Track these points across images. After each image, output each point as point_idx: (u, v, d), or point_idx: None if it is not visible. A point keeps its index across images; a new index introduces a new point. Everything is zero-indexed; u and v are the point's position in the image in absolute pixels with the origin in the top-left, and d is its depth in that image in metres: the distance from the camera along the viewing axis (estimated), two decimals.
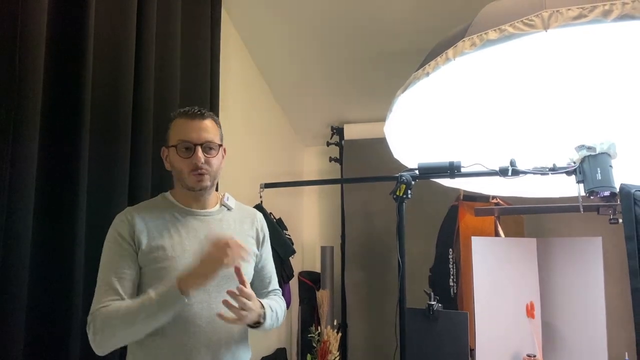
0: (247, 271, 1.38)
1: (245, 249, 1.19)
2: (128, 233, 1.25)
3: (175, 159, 1.31)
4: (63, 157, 1.36)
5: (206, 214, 1.37)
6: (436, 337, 2.20)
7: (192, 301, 1.21)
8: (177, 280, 1.15)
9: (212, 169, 1.32)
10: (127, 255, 1.24)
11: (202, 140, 1.30)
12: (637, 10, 1.18)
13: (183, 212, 1.35)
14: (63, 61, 1.37)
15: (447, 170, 1.77)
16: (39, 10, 1.26)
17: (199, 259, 1.17)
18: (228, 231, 1.38)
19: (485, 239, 2.56)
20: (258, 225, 1.49)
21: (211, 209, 1.40)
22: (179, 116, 1.33)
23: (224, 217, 1.41)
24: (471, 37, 1.42)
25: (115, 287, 1.20)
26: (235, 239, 1.29)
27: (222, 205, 1.43)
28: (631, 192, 1.40)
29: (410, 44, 2.72)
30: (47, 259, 1.31)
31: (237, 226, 1.42)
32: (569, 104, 1.98)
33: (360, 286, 3.83)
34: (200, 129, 1.31)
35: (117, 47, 1.59)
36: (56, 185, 1.34)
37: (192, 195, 1.35)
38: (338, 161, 3.89)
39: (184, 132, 1.30)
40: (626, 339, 2.80)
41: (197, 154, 1.28)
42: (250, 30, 2.75)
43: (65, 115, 1.37)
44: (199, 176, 1.29)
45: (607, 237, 2.42)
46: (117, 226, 1.28)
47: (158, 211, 1.33)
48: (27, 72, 1.22)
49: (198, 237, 1.32)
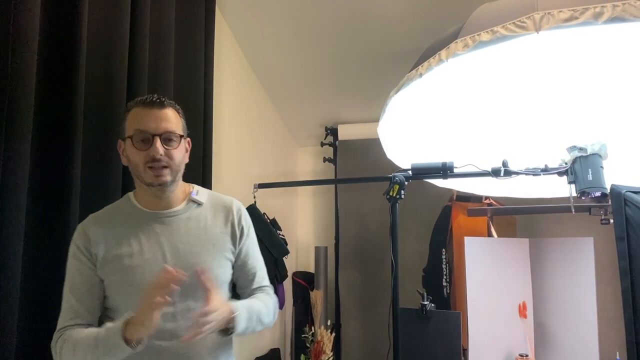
0: (220, 273, 1.28)
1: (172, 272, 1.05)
2: (84, 245, 1.18)
3: (131, 152, 1.17)
4: (56, 157, 1.35)
5: (170, 215, 1.25)
6: (429, 337, 2.20)
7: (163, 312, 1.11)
8: (124, 324, 1.05)
9: (174, 162, 1.19)
10: (86, 270, 1.17)
11: (161, 130, 1.17)
12: (627, 12, 1.19)
13: (144, 216, 1.23)
14: (56, 61, 1.37)
15: (440, 170, 1.78)
16: (32, 12, 1.25)
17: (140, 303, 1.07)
18: (196, 231, 1.26)
19: (478, 239, 2.57)
20: (234, 219, 1.34)
21: (177, 207, 1.26)
22: (136, 105, 1.20)
23: (192, 215, 1.28)
24: (464, 38, 1.43)
25: (73, 307, 1.15)
26: (204, 237, 1.24)
27: (191, 201, 1.29)
28: (622, 193, 1.41)
29: (404, 45, 2.73)
30: (40, 258, 1.30)
31: (208, 224, 1.29)
32: (560, 105, 1.99)
33: (354, 286, 3.84)
34: (160, 118, 1.18)
35: (110, 47, 1.59)
36: (49, 185, 1.33)
37: (153, 194, 1.22)
38: (332, 161, 3.90)
39: (141, 122, 1.17)
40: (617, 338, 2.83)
41: (156, 145, 1.15)
42: (244, 30, 2.75)
43: (58, 114, 1.36)
44: (158, 170, 1.17)
45: (598, 238, 2.44)
46: (75, 238, 1.20)
47: (119, 217, 1.23)
48: (19, 72, 1.21)
49: (159, 242, 1.21)
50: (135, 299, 1.09)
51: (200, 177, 2.08)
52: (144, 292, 1.06)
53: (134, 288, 1.15)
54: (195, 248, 1.24)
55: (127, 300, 1.15)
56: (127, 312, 1.08)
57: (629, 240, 1.38)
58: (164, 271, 1.05)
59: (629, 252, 1.38)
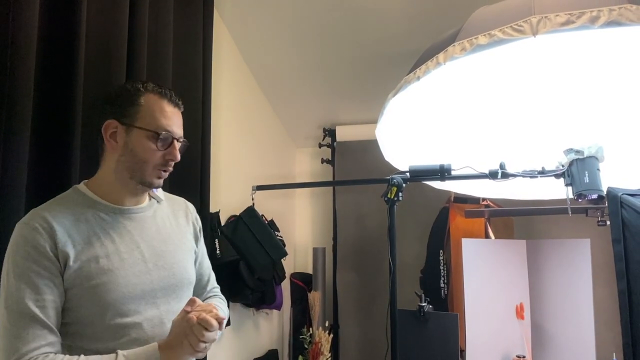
0: (192, 272, 1.23)
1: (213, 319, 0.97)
2: (48, 245, 0.96)
3: (141, 145, 1.07)
4: (54, 157, 1.35)
5: (138, 211, 1.14)
6: (427, 338, 2.21)
7: (141, 319, 1.04)
8: (159, 347, 0.97)
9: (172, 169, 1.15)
10: (48, 277, 0.95)
11: (180, 134, 1.12)
12: (623, 16, 1.20)
13: (110, 211, 1.09)
14: (55, 61, 1.37)
15: (438, 173, 1.78)
16: (31, 12, 1.25)
17: (175, 334, 0.98)
18: (165, 229, 1.18)
19: (475, 241, 2.58)
20: (192, 217, 1.30)
21: (142, 204, 1.17)
22: (155, 93, 1.10)
23: (157, 212, 1.20)
24: (461, 41, 1.43)
25: (39, 324, 0.92)
26: (173, 235, 1.17)
27: (152, 198, 1.21)
28: (618, 195, 1.43)
29: (402, 47, 2.74)
30: None
31: (172, 221, 1.22)
32: (557, 108, 2.00)
33: (352, 287, 3.84)
34: (180, 121, 1.13)
35: (108, 48, 1.59)
36: (47, 185, 1.33)
37: (132, 189, 1.11)
38: (330, 163, 3.90)
39: (169, 121, 1.09)
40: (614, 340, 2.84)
41: (175, 150, 1.09)
42: (242, 31, 2.75)
43: (57, 114, 1.36)
44: (164, 174, 1.12)
45: (595, 239, 2.45)
46: (30, 237, 0.96)
47: (78, 212, 1.05)
48: (18, 72, 1.21)
49: (134, 240, 1.10)
50: (115, 307, 1.00)
51: (198, 179, 2.08)
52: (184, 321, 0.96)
53: (115, 294, 1.00)
54: (169, 247, 1.17)
55: (103, 309, 1.00)
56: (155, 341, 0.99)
57: (625, 242, 1.39)
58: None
59: (625, 254, 1.39)
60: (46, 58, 1.34)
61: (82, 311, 0.99)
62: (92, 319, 1.00)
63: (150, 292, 1.07)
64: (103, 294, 0.99)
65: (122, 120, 1.08)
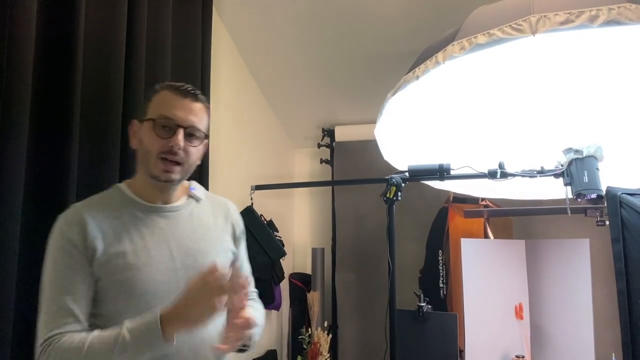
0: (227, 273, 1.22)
1: (244, 284, 0.96)
2: (80, 239, 1.02)
3: (147, 136, 1.08)
4: (52, 156, 1.35)
5: (172, 209, 1.15)
6: (426, 338, 2.21)
7: None
8: (160, 317, 0.93)
9: (188, 161, 1.10)
10: (80, 268, 1.01)
11: (187, 122, 1.08)
12: (622, 15, 1.20)
13: (145, 209, 1.11)
14: (52, 61, 1.36)
15: (437, 172, 1.78)
16: (28, 11, 1.25)
17: (184, 295, 0.96)
18: (200, 228, 1.17)
19: (474, 241, 2.58)
20: (233, 219, 1.28)
21: (177, 202, 1.17)
22: (168, 89, 1.11)
23: (193, 211, 1.19)
24: (460, 41, 1.43)
25: (70, 309, 0.98)
26: (209, 235, 1.15)
27: (190, 197, 1.21)
28: (617, 195, 1.42)
29: (402, 46, 2.74)
30: (36, 258, 1.29)
31: (209, 221, 1.21)
32: (556, 107, 2.00)
33: (350, 288, 3.84)
34: (190, 109, 1.10)
35: (107, 48, 1.58)
36: (45, 185, 1.33)
37: (156, 186, 1.12)
38: (329, 163, 3.90)
39: (169, 108, 1.08)
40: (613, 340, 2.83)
41: (177, 136, 1.06)
42: (241, 31, 2.75)
43: (55, 114, 1.36)
44: (171, 165, 1.08)
45: (594, 239, 2.45)
46: (65, 230, 1.03)
47: (113, 209, 1.09)
48: (15, 72, 1.21)
49: (165, 238, 1.11)
50: (140, 303, 1.02)
51: (197, 179, 2.07)
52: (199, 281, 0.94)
53: (139, 290, 1.03)
54: (202, 246, 1.15)
55: (129, 304, 1.02)
56: (157, 307, 0.96)
57: (625, 242, 1.39)
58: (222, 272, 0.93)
59: (625, 254, 1.39)
60: (44, 58, 1.34)
61: (109, 304, 1.03)
62: (118, 312, 1.02)
63: (175, 290, 1.04)
64: (128, 289, 1.02)
65: (139, 118, 1.12)
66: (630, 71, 1.72)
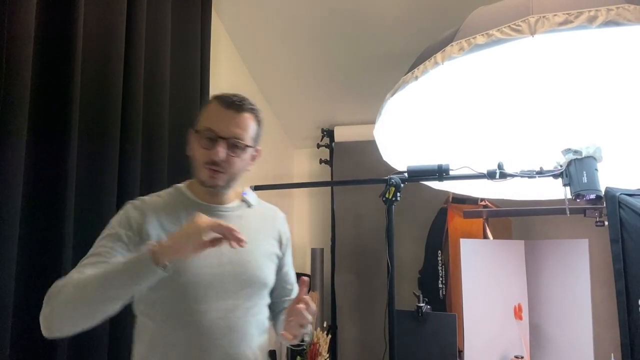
0: (269, 274, 1.26)
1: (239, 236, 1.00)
2: (138, 221, 1.12)
3: (195, 146, 1.17)
4: (51, 157, 1.35)
5: (225, 210, 1.24)
6: (425, 338, 2.21)
7: (205, 308, 1.11)
8: (152, 247, 0.99)
9: (231, 169, 1.17)
10: (125, 242, 1.09)
11: (228, 134, 1.14)
12: (621, 16, 1.20)
13: (198, 207, 1.19)
14: (51, 60, 1.36)
15: (436, 173, 1.78)
16: (27, 12, 1.25)
17: (178, 231, 1.02)
18: (248, 230, 1.21)
19: (473, 241, 2.58)
20: (280, 225, 1.36)
21: (230, 204, 1.26)
22: (215, 100, 1.19)
23: (244, 213, 1.28)
24: (459, 41, 1.43)
25: (102, 252, 1.06)
26: (256, 237, 1.21)
27: (242, 201, 1.30)
28: (616, 196, 1.42)
29: (400, 47, 2.74)
30: (34, 258, 1.29)
31: (258, 224, 1.29)
32: (555, 108, 2.00)
33: (350, 288, 3.84)
34: (232, 121, 1.16)
35: (106, 48, 1.58)
36: (44, 185, 1.32)
37: (206, 191, 1.21)
38: (328, 163, 3.90)
39: (213, 120, 1.15)
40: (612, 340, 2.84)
41: (217, 148, 1.13)
42: (240, 32, 2.75)
43: (54, 115, 1.36)
44: (213, 172, 1.15)
45: (593, 239, 2.45)
46: (129, 210, 1.14)
47: (171, 205, 1.20)
48: (14, 72, 1.21)
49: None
50: (183, 291, 1.09)
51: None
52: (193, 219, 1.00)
53: (183, 278, 1.09)
54: (250, 245, 1.16)
55: (173, 291, 1.10)
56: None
57: (624, 242, 1.39)
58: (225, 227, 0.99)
59: (624, 255, 1.39)
60: (43, 58, 1.34)
61: (156, 290, 1.07)
62: (162, 299, 1.10)
63: (220, 283, 1.14)
64: (173, 276, 1.05)
65: (195, 128, 1.20)
66: (629, 72, 1.72)
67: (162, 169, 1.86)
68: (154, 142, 1.82)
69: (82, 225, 1.43)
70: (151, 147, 1.81)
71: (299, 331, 1.09)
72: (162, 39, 1.92)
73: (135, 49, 1.71)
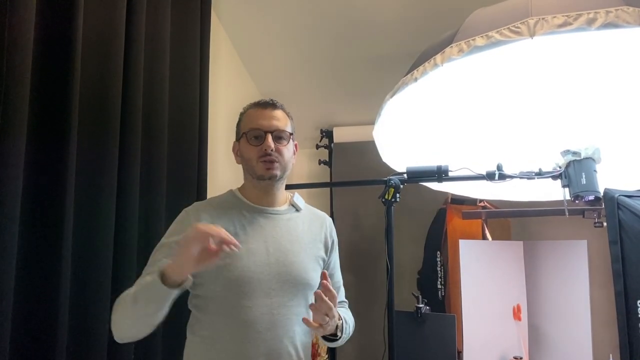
0: (314, 276, 1.31)
1: (230, 239, 1.04)
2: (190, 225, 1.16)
3: (245, 148, 1.29)
4: (50, 158, 1.34)
5: (275, 212, 1.32)
6: (424, 339, 2.21)
7: (252, 304, 1.19)
8: (161, 271, 1.06)
9: (283, 159, 1.28)
10: None
11: (272, 127, 1.28)
12: (620, 18, 1.20)
13: (251, 210, 1.30)
14: (51, 62, 1.36)
15: (435, 174, 1.79)
16: (27, 13, 1.24)
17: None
18: (295, 232, 1.33)
19: (472, 242, 2.59)
20: (327, 230, 1.44)
21: (280, 207, 1.35)
22: (250, 107, 1.34)
23: (293, 217, 1.36)
24: (459, 43, 1.44)
25: None
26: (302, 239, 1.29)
27: (291, 205, 1.38)
28: (615, 197, 1.43)
29: (400, 48, 2.74)
30: (33, 262, 1.29)
31: (305, 228, 1.36)
32: (554, 109, 2.01)
33: (349, 288, 3.81)
34: (272, 117, 1.30)
35: (105, 49, 1.58)
36: (43, 188, 1.32)
37: (261, 188, 1.30)
38: (327, 164, 3.89)
39: (254, 120, 1.29)
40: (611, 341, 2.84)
41: (267, 140, 1.25)
42: (239, 32, 2.75)
43: (53, 117, 1.35)
44: (269, 164, 1.26)
45: (592, 240, 2.45)
46: (181, 217, 1.27)
47: (225, 207, 1.30)
48: (14, 73, 1.20)
49: (264, 235, 1.27)
50: (235, 288, 1.18)
51: (195, 180, 2.07)
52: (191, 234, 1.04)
53: (234, 275, 1.18)
54: (295, 247, 1.29)
55: (226, 288, 1.18)
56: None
57: (622, 243, 1.39)
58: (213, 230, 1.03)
59: (622, 256, 1.39)
60: (43, 59, 1.34)
61: (209, 287, 1.19)
62: (215, 295, 1.20)
63: (266, 282, 1.21)
64: (225, 274, 1.17)
65: (237, 139, 1.35)
66: (628, 73, 1.72)
67: (162, 168, 1.85)
68: (153, 142, 1.82)
69: (81, 225, 1.43)
70: (151, 147, 1.80)
71: (323, 319, 1.13)
72: (162, 39, 1.92)
73: (135, 50, 1.71)
